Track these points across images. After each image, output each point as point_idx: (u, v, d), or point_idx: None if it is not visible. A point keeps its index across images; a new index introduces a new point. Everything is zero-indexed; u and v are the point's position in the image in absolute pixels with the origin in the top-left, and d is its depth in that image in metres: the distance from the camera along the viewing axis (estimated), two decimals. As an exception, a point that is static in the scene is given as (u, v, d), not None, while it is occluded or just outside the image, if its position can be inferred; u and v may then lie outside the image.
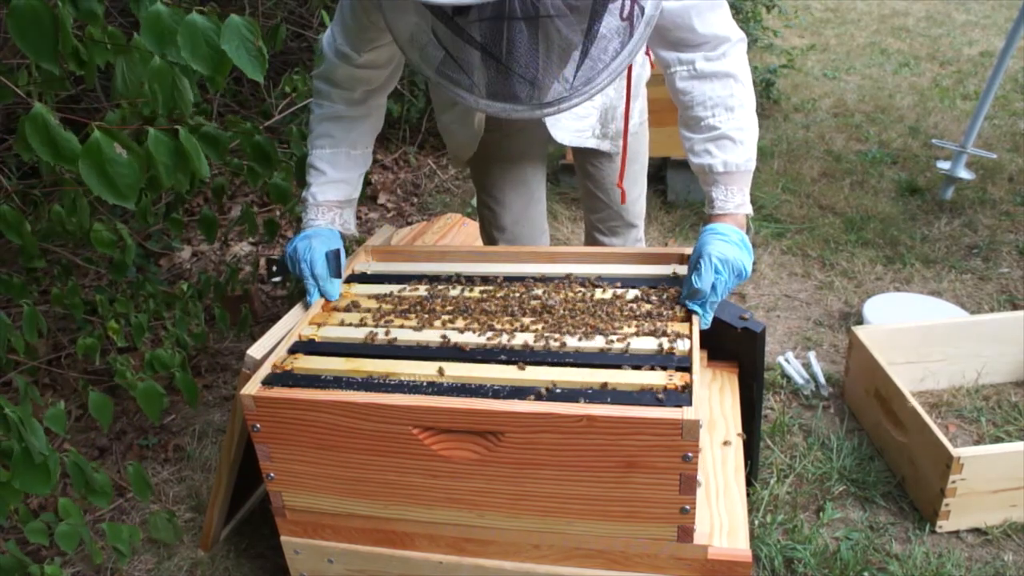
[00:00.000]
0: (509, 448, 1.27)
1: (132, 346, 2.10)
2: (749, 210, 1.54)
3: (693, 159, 1.56)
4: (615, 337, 1.41)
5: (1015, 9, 4.40)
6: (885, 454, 2.14)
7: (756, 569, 1.85)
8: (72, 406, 2.49)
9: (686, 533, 1.29)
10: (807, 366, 2.51)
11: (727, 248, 1.46)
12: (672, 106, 1.58)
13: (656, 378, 1.30)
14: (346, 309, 1.60)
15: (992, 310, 2.80)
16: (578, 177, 2.18)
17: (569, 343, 1.41)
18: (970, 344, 2.31)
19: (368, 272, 1.77)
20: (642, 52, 1.73)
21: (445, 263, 1.75)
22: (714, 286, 1.44)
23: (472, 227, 2.73)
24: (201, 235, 3.37)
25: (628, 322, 1.46)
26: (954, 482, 1.84)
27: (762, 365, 1.71)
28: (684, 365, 1.33)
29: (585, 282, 1.61)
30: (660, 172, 3.66)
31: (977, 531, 1.92)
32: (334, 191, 1.70)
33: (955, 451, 1.82)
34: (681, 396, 1.25)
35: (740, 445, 1.58)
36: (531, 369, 1.35)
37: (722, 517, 1.40)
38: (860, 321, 2.70)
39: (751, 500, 1.99)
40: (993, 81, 3.24)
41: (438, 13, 1.11)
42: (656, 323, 1.45)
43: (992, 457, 1.84)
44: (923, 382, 2.34)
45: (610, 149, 1.98)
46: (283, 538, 1.52)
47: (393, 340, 1.47)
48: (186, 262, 3.35)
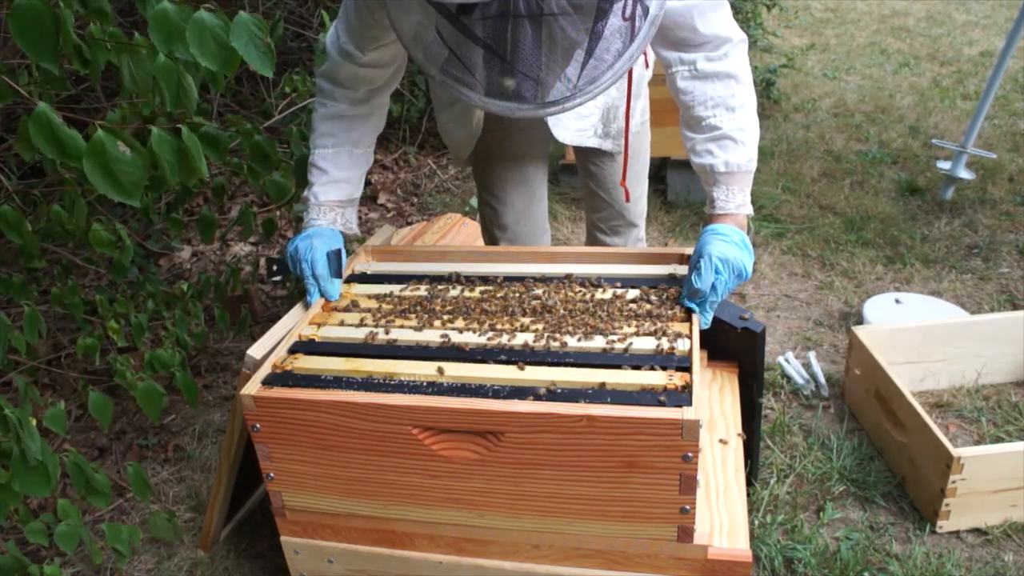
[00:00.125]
0: (509, 448, 1.27)
1: (132, 346, 2.10)
2: (750, 210, 1.55)
3: (694, 159, 1.56)
4: (615, 337, 1.41)
5: (1015, 9, 4.41)
6: (885, 454, 2.14)
7: (756, 569, 1.85)
8: (72, 406, 2.49)
9: (686, 533, 1.29)
10: (807, 366, 2.51)
11: (728, 248, 1.46)
12: (672, 106, 1.58)
13: (656, 378, 1.30)
14: (346, 309, 1.60)
15: (992, 310, 2.80)
16: (580, 176, 2.18)
17: (569, 343, 1.41)
18: (970, 344, 2.31)
19: (368, 272, 1.77)
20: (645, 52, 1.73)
21: (445, 263, 1.75)
22: (714, 286, 1.44)
23: (472, 227, 2.72)
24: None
25: (628, 322, 1.46)
26: (954, 482, 1.84)
27: (762, 365, 1.71)
28: (684, 365, 1.33)
29: (585, 282, 1.61)
30: (660, 172, 3.66)
31: (977, 531, 1.92)
32: (336, 191, 1.70)
33: (955, 451, 1.82)
34: (681, 396, 1.25)
35: (740, 445, 1.58)
36: (531, 369, 1.35)
37: (722, 517, 1.40)
38: (860, 321, 2.70)
39: (751, 500, 1.99)
40: (993, 81, 3.24)
41: (443, 11, 1.11)
42: (656, 323, 1.45)
43: (992, 457, 1.84)
44: (923, 382, 2.34)
45: (612, 148, 1.98)
46: (283, 538, 1.52)
47: (393, 340, 1.47)
48: (186, 262, 3.35)
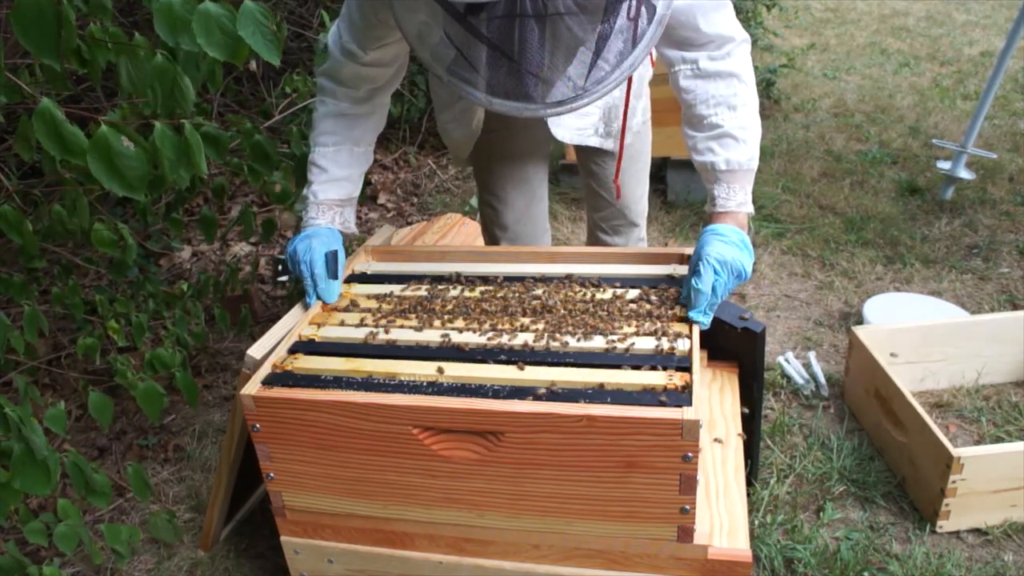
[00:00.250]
0: (509, 448, 1.27)
1: (132, 346, 2.10)
2: (750, 209, 1.54)
3: (696, 157, 1.56)
4: (615, 337, 1.41)
5: (1015, 9, 4.41)
6: (885, 454, 2.14)
7: (756, 569, 1.85)
8: (72, 406, 2.49)
9: (686, 533, 1.29)
10: (807, 366, 2.51)
11: (726, 249, 1.46)
12: (673, 107, 1.58)
13: (656, 378, 1.30)
14: (346, 309, 1.60)
15: (992, 310, 2.80)
16: (581, 176, 2.18)
17: (569, 343, 1.41)
18: (970, 344, 2.31)
19: (368, 272, 1.77)
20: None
21: (445, 263, 1.75)
22: (714, 288, 1.44)
23: (472, 227, 2.72)
24: (201, 235, 3.38)
25: (628, 322, 1.46)
26: (954, 482, 1.84)
27: (762, 365, 1.71)
28: (684, 365, 1.33)
29: (585, 282, 1.61)
30: (660, 172, 3.66)
31: (977, 531, 1.92)
32: (335, 189, 1.70)
33: (955, 451, 1.82)
34: (681, 396, 1.25)
35: (740, 445, 1.58)
36: (531, 369, 1.35)
37: (722, 517, 1.40)
38: (860, 321, 2.70)
39: (751, 500, 1.99)
40: (993, 81, 3.24)
41: (451, 11, 1.11)
42: (656, 323, 1.45)
43: (992, 457, 1.84)
44: (923, 382, 2.34)
45: (613, 148, 1.97)
46: (283, 538, 1.52)
47: (393, 340, 1.47)
48: (186, 262, 3.35)
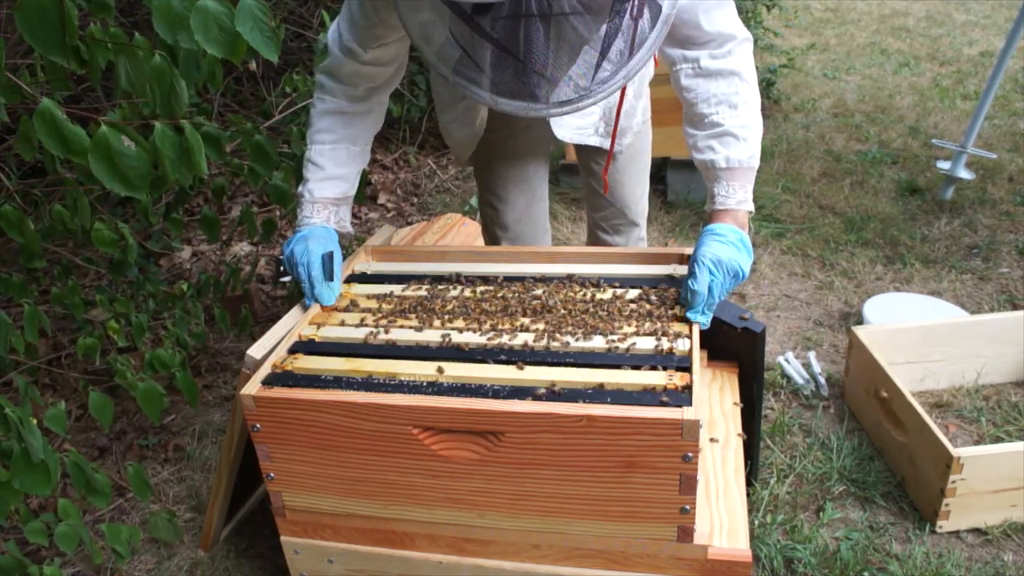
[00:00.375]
0: (509, 448, 1.27)
1: (132, 346, 2.10)
2: (751, 207, 1.54)
3: (696, 155, 1.56)
4: (615, 337, 1.41)
5: (1015, 9, 4.41)
6: (885, 454, 2.14)
7: (756, 569, 1.85)
8: (72, 406, 2.49)
9: (686, 533, 1.29)
10: (807, 366, 2.51)
11: (721, 249, 1.46)
12: (673, 107, 1.59)
13: (656, 378, 1.30)
14: (346, 309, 1.60)
15: (992, 310, 2.80)
16: (581, 175, 2.18)
17: (569, 343, 1.41)
18: (970, 344, 2.31)
19: (368, 272, 1.77)
20: None
21: (445, 263, 1.75)
22: (710, 288, 1.44)
23: (472, 227, 2.72)
24: (201, 235, 3.38)
25: (628, 322, 1.46)
26: (954, 482, 1.84)
27: (762, 365, 1.71)
28: (684, 365, 1.33)
29: (585, 282, 1.61)
30: (660, 172, 3.66)
31: (977, 531, 1.92)
32: (331, 187, 1.69)
33: (955, 451, 1.82)
34: (681, 396, 1.25)
35: (740, 445, 1.58)
36: (531, 369, 1.35)
37: (722, 517, 1.40)
38: (860, 321, 2.70)
39: (751, 500, 1.99)
40: (993, 81, 3.24)
41: (457, 11, 1.11)
42: (656, 323, 1.45)
43: (992, 457, 1.84)
44: (923, 382, 2.34)
45: (613, 147, 1.97)
46: (283, 538, 1.52)
47: (393, 340, 1.47)
48: (186, 262, 3.35)
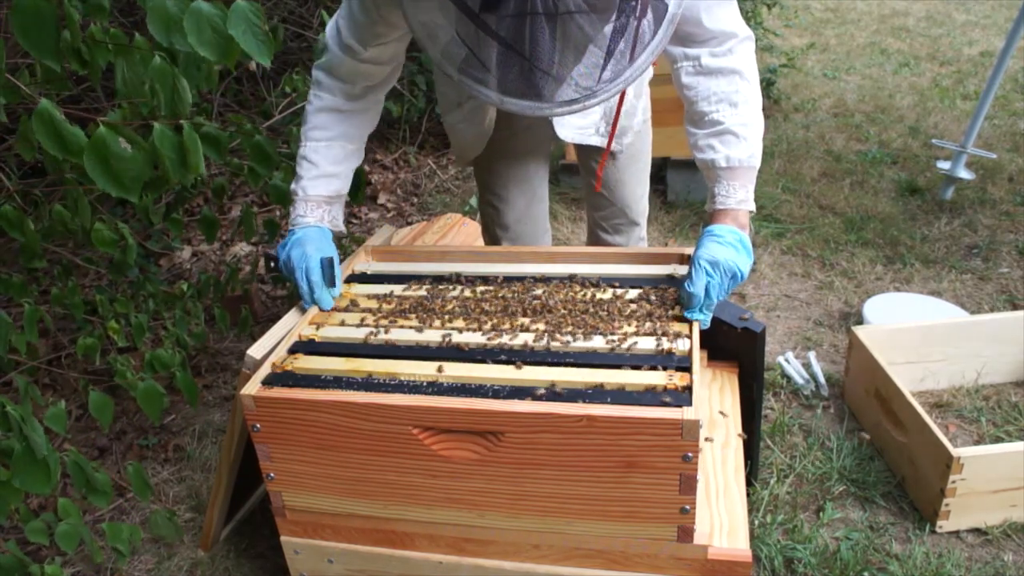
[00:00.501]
0: (509, 448, 1.27)
1: (132, 346, 2.10)
2: (751, 207, 1.53)
3: (697, 155, 1.56)
4: (615, 337, 1.41)
5: (1015, 9, 4.40)
6: (885, 454, 2.14)
7: (756, 569, 1.85)
8: (72, 406, 2.49)
9: (686, 533, 1.29)
10: (807, 366, 2.51)
11: (720, 250, 1.45)
12: (673, 107, 1.58)
13: (656, 378, 1.30)
14: (346, 309, 1.60)
15: (992, 310, 2.80)
16: (581, 175, 2.18)
17: (569, 343, 1.41)
18: (970, 344, 2.31)
19: (368, 272, 1.77)
20: None
21: (445, 263, 1.75)
22: (708, 290, 1.43)
23: (472, 227, 2.72)
24: (201, 235, 3.38)
25: (628, 322, 1.46)
26: (954, 482, 1.84)
27: (762, 365, 1.71)
28: (684, 365, 1.33)
29: (585, 282, 1.61)
30: (660, 172, 3.66)
31: (977, 531, 1.92)
32: (325, 185, 1.67)
33: (955, 451, 1.82)
34: (681, 396, 1.25)
35: (740, 445, 1.58)
36: (531, 369, 1.35)
37: (722, 517, 1.40)
38: (860, 321, 2.70)
39: (751, 500, 1.99)
40: (993, 81, 3.24)
41: (464, 9, 1.10)
42: (656, 323, 1.45)
43: (992, 457, 1.84)
44: (923, 382, 2.34)
45: (614, 147, 1.97)
46: (283, 538, 1.52)
47: (393, 340, 1.47)
48: (186, 262, 3.35)
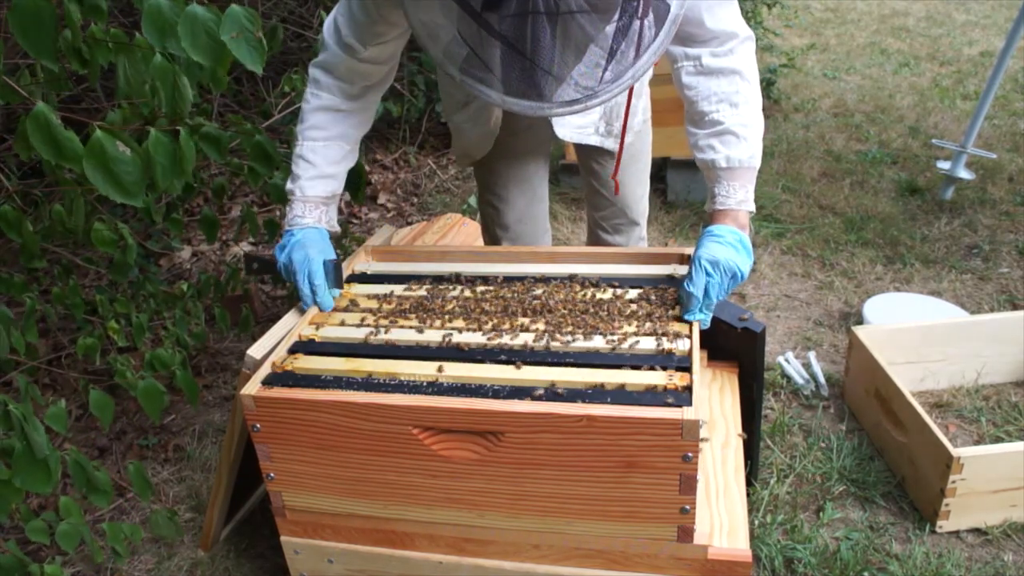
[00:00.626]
0: (509, 448, 1.27)
1: (132, 346, 2.10)
2: (751, 207, 1.53)
3: (697, 155, 1.56)
4: (615, 337, 1.41)
5: (1015, 9, 4.40)
6: (885, 454, 2.14)
7: (756, 569, 1.85)
8: (72, 406, 2.49)
9: (686, 533, 1.29)
10: (807, 366, 2.51)
11: (719, 250, 1.45)
12: (673, 107, 1.58)
13: (656, 378, 1.30)
14: (346, 309, 1.60)
15: (992, 310, 2.80)
16: (582, 175, 2.18)
17: (569, 343, 1.41)
18: (970, 344, 2.31)
19: (368, 272, 1.77)
20: None
21: (445, 263, 1.75)
22: (707, 290, 1.43)
23: (472, 227, 2.72)
24: (201, 235, 3.38)
25: (628, 322, 1.46)
26: (954, 482, 1.84)
27: (762, 365, 1.71)
28: (684, 365, 1.33)
29: (585, 282, 1.61)
30: (660, 172, 3.66)
31: (977, 531, 1.92)
32: (322, 186, 1.67)
33: (955, 451, 1.82)
34: (681, 396, 1.25)
35: (740, 445, 1.58)
36: (531, 369, 1.35)
37: (722, 517, 1.40)
38: (860, 321, 2.70)
39: (751, 500, 1.99)
40: (993, 81, 3.24)
41: (466, 8, 1.10)
42: (656, 323, 1.45)
43: (992, 457, 1.84)
44: (923, 382, 2.34)
45: (613, 147, 1.97)
46: (283, 538, 1.52)
47: (393, 340, 1.47)
48: (186, 262, 3.35)
